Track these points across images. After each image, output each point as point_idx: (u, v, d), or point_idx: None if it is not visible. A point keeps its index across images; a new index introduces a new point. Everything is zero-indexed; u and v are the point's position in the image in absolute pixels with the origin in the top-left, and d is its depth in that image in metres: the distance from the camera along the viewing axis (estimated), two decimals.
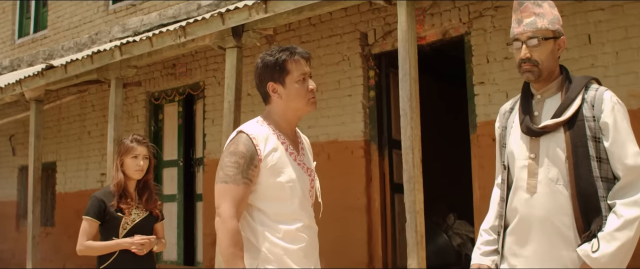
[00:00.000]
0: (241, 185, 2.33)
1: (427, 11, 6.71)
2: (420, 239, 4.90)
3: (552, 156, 2.27)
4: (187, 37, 6.38)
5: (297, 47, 2.48)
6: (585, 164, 2.20)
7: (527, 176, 2.31)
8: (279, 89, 2.44)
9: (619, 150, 2.20)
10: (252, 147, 2.36)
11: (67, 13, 11.42)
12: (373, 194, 7.05)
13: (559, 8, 6.06)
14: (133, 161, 3.64)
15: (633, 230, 2.13)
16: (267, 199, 2.39)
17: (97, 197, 3.65)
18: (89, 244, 3.59)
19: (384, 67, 7.28)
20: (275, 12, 5.70)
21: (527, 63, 2.32)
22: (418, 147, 5.02)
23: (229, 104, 6.10)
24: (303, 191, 2.45)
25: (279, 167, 2.39)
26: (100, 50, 7.37)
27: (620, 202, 2.16)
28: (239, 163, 2.34)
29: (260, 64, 2.48)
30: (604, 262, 2.12)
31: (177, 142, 9.30)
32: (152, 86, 9.56)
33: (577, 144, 2.22)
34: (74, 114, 10.93)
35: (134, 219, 3.63)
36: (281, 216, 2.39)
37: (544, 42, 2.31)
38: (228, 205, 2.30)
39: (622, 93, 5.45)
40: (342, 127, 7.27)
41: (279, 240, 2.36)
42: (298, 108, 2.47)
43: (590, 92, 2.29)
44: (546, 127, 2.29)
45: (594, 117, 2.24)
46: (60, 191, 11.11)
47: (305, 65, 2.45)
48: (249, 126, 2.46)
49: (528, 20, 2.33)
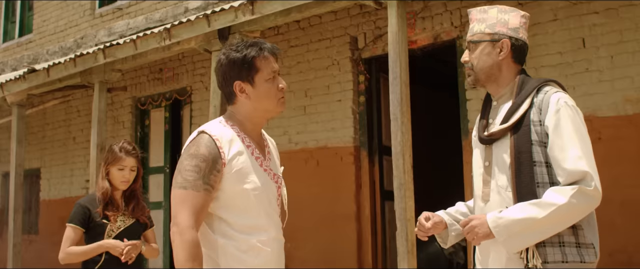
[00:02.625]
0: (201, 191, 2.09)
1: (418, 15, 6.60)
2: (412, 247, 4.79)
3: (501, 163, 2.24)
4: (172, 40, 6.23)
5: (264, 42, 2.28)
6: (527, 170, 2.15)
7: (482, 184, 2.31)
8: (247, 88, 2.22)
9: (558, 154, 2.13)
10: (215, 149, 2.14)
11: (52, 17, 11.25)
12: (363, 202, 6.92)
13: (552, 11, 5.98)
14: (119, 173, 3.56)
15: (545, 212, 2.06)
16: (230, 208, 2.17)
17: (81, 205, 3.58)
18: (70, 250, 3.52)
19: (375, 72, 7.17)
20: (263, 13, 5.57)
21: (466, 67, 2.37)
22: (409, 153, 4.90)
23: (214, 109, 5.96)
24: (269, 199, 2.24)
25: (244, 173, 2.17)
26: (83, 54, 7.20)
27: (550, 188, 2.12)
28: (200, 167, 2.11)
29: (224, 60, 2.24)
30: (501, 224, 2.11)
31: (164, 148, 9.14)
32: (139, 90, 9.40)
33: (521, 149, 2.17)
34: (59, 120, 10.75)
35: (120, 227, 3.56)
36: (246, 226, 2.17)
37: (477, 45, 2.33)
38: (186, 214, 2.06)
39: (618, 98, 5.36)
40: (331, 133, 7.14)
41: (242, 254, 2.15)
42: (267, 109, 2.27)
43: (540, 96, 2.23)
44: (492, 134, 2.28)
45: (540, 122, 2.18)
46: (44, 198, 10.91)
47: (275, 62, 2.26)
48: (212, 126, 2.24)
49: (471, 27, 2.38)
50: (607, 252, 5.22)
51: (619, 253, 5.12)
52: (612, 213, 5.07)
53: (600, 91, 5.45)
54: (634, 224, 5.14)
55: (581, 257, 2.13)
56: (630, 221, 5.14)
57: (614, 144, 5.29)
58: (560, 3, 5.70)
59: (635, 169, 5.16)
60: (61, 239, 3.56)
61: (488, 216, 2.15)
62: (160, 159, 9.17)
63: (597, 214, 2.22)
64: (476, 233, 2.17)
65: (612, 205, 5.13)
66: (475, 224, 2.17)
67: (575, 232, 2.15)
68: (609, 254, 5.08)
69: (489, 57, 2.31)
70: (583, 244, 2.15)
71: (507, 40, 2.30)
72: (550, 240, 2.12)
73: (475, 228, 2.17)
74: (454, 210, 2.50)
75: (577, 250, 2.14)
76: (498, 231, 2.12)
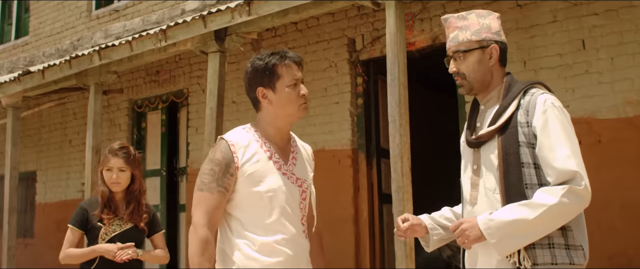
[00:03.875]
0: (215, 193, 2.28)
1: (417, 16, 6.55)
2: (410, 251, 4.74)
3: (489, 165, 2.24)
4: (168, 41, 6.17)
5: (288, 51, 2.41)
6: (515, 172, 2.13)
7: (470, 187, 2.30)
8: (269, 94, 2.36)
9: (547, 154, 2.12)
10: (229, 154, 2.30)
11: (49, 19, 11.19)
12: (361, 205, 6.86)
13: (551, 13, 5.93)
14: (107, 174, 3.56)
15: (536, 213, 2.04)
16: (244, 208, 2.31)
17: (81, 206, 3.61)
18: (68, 252, 3.56)
19: (373, 74, 7.11)
20: (259, 14, 5.51)
21: (457, 77, 2.33)
22: (407, 156, 4.85)
23: (211, 111, 5.89)
24: (288, 201, 2.34)
25: (258, 176, 2.30)
26: (78, 55, 7.14)
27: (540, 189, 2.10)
28: (214, 171, 2.29)
29: (249, 68, 2.40)
30: (492, 226, 2.08)
31: (160, 151, 9.08)
32: (135, 93, 9.34)
33: (508, 151, 2.16)
34: (55, 122, 10.69)
35: (115, 230, 3.52)
36: (259, 227, 2.29)
37: (466, 54, 2.29)
38: (201, 213, 2.26)
39: (618, 100, 5.31)
40: (329, 135, 7.08)
41: (255, 253, 2.27)
42: (290, 114, 2.39)
43: (527, 97, 2.23)
44: (480, 137, 2.27)
45: (527, 123, 2.18)
46: (40, 201, 10.83)
47: (297, 70, 2.38)
48: (233, 132, 2.41)
49: (452, 35, 2.34)
50: (607, 255, 5.19)
51: (619, 255, 5.07)
52: (612, 216, 5.02)
53: (600, 93, 5.39)
54: (634, 227, 5.09)
55: (570, 259, 2.11)
56: (630, 224, 5.09)
57: (614, 146, 5.24)
58: (559, 4, 5.66)
59: (636, 172, 5.11)
60: (57, 242, 3.64)
61: (479, 219, 2.12)
62: (156, 161, 9.10)
63: (597, 217, 2.19)
64: (467, 236, 2.14)
65: (612, 208, 5.09)
66: (465, 227, 2.14)
67: (564, 233, 2.13)
68: (609, 257, 5.03)
69: (481, 65, 2.29)
70: (572, 246, 2.14)
71: (496, 45, 2.30)
72: (539, 242, 2.10)
73: (466, 231, 2.14)
74: (439, 215, 2.48)
75: (566, 252, 2.12)
76: (490, 233, 2.09)
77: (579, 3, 5.57)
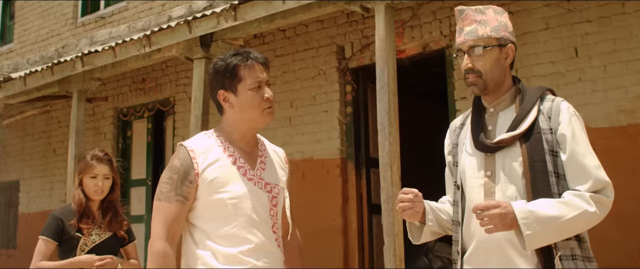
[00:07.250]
0: (174, 203, 2.13)
1: (407, 23, 6.44)
2: (400, 263, 4.60)
3: (509, 172, 2.10)
4: (152, 47, 6.03)
5: (252, 51, 2.25)
6: (544, 179, 2.02)
7: (483, 195, 2.13)
8: (231, 97, 2.21)
9: (582, 160, 2.03)
10: (188, 160, 2.16)
11: (34, 26, 11.04)
12: (350, 215, 6.73)
13: (544, 20, 5.83)
14: (92, 181, 3.40)
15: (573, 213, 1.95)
16: (207, 217, 2.16)
17: (54, 216, 3.40)
18: (41, 265, 3.33)
19: (362, 82, 7.00)
20: (245, 19, 5.39)
21: (471, 74, 2.17)
22: (397, 165, 4.72)
23: (195, 119, 5.75)
24: (255, 209, 2.17)
25: (220, 182, 2.15)
26: (60, 61, 6.98)
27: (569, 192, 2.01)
28: (173, 179, 2.15)
29: (211, 69, 2.25)
30: (531, 217, 1.94)
31: (146, 160, 8.92)
32: (121, 101, 9.18)
33: (534, 158, 2.05)
34: (38, 131, 10.51)
35: (95, 240, 3.37)
36: (223, 237, 2.13)
37: (486, 50, 2.15)
38: (158, 225, 2.11)
39: (611, 108, 5.21)
40: (317, 144, 6.95)
41: (219, 265, 2.11)
42: (252, 119, 2.22)
43: (546, 103, 2.13)
44: (502, 141, 2.11)
45: (551, 130, 2.08)
46: (23, 212, 10.63)
47: (262, 72, 2.21)
48: (193, 138, 2.28)
49: (469, 29, 2.19)
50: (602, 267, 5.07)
51: (614, 267, 4.95)
52: (608, 227, 4.87)
53: (594, 101, 5.29)
54: (630, 239, 4.98)
55: None
56: (625, 235, 4.98)
57: (608, 155, 5.11)
58: (552, 11, 5.57)
59: (631, 182, 5.00)
60: None
61: (516, 206, 1.95)
62: (142, 171, 8.94)
63: (592, 228, 2.13)
64: (501, 222, 1.94)
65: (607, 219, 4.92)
66: (499, 212, 1.94)
67: (580, 245, 2.05)
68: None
69: (498, 64, 2.17)
70: (587, 258, 2.06)
71: (513, 45, 2.21)
72: (564, 252, 2.01)
73: (499, 216, 1.94)
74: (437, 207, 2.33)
75: (583, 264, 2.04)
76: (527, 224, 1.93)
77: (572, 10, 5.48)
